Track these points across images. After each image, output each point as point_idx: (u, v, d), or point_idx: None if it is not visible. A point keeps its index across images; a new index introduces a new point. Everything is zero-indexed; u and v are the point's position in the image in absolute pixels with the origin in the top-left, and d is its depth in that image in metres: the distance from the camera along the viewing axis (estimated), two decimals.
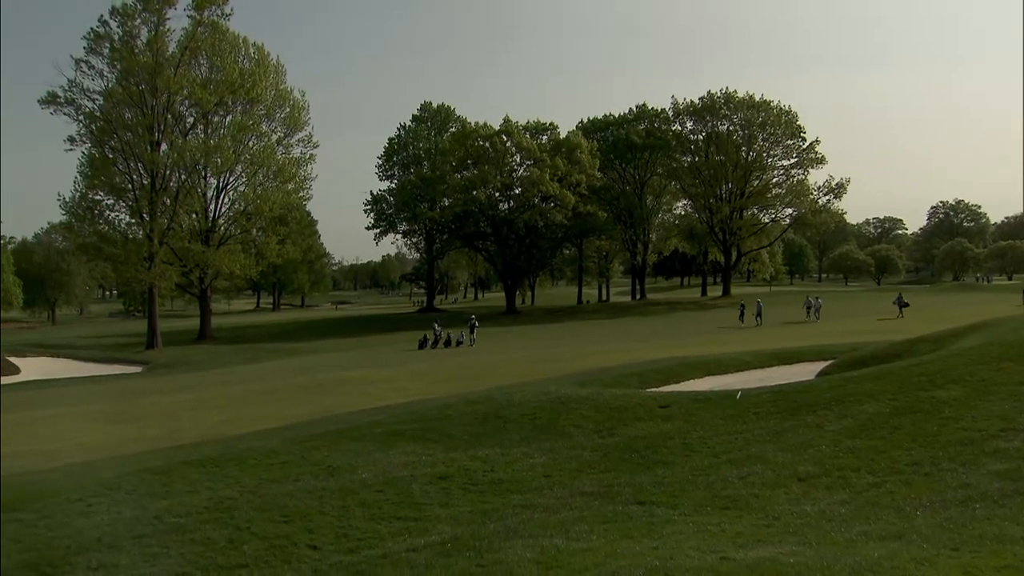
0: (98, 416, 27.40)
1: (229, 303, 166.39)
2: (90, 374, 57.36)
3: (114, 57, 70.71)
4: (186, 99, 74.00)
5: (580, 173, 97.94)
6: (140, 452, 18.67)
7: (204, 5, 71.75)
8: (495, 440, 16.85)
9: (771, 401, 17.22)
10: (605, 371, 29.31)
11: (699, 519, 10.19)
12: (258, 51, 78.18)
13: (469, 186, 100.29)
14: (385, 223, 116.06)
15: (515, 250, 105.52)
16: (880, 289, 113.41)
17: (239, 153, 76.02)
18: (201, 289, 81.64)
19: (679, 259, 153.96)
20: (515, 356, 42.48)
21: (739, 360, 31.57)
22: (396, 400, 25.42)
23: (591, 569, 7.79)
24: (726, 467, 13.00)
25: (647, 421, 17.14)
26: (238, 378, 42.79)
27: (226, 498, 12.96)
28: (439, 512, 11.86)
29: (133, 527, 11.63)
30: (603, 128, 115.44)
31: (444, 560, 8.99)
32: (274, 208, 78.44)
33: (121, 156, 72.89)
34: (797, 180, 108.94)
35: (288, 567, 9.78)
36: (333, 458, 15.78)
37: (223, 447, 17.80)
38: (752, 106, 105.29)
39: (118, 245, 75.37)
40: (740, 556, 7.71)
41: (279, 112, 79.92)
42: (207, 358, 62.18)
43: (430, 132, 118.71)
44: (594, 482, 13.09)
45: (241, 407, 27.76)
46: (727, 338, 47.38)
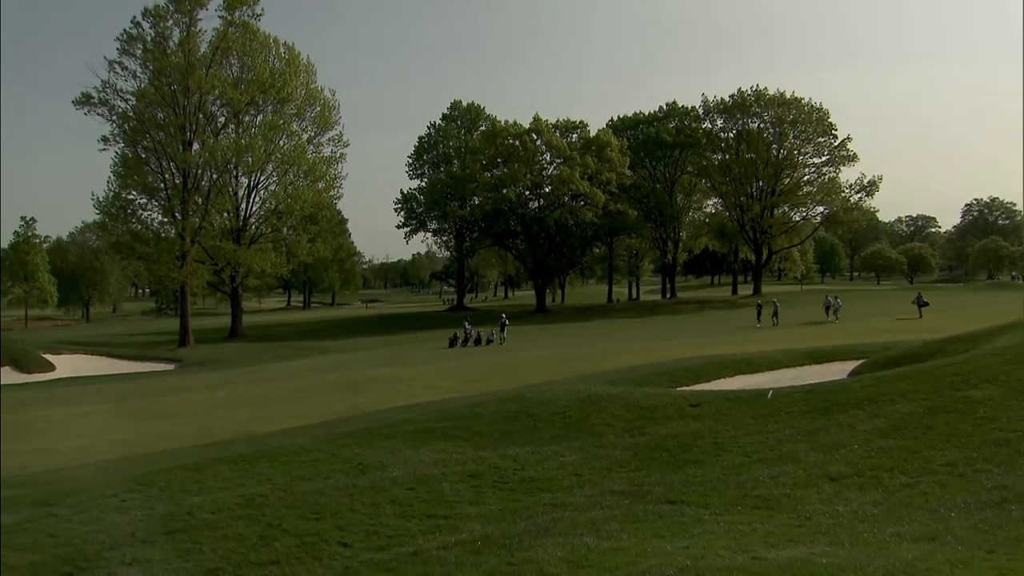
0: (132, 413, 27.63)
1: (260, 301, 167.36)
2: (123, 371, 57.86)
3: (147, 58, 71.29)
4: (217, 99, 74.49)
5: (610, 171, 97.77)
6: (173, 449, 18.81)
7: (235, 5, 72.17)
8: (525, 438, 16.85)
9: (802, 400, 17.11)
10: (635, 370, 29.22)
11: (730, 518, 10.14)
12: (288, 51, 78.54)
13: (499, 184, 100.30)
14: (415, 222, 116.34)
15: (545, 248, 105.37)
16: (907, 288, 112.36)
17: (270, 152, 76.44)
18: (232, 287, 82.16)
19: (709, 257, 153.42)
20: (545, 354, 42.44)
21: (770, 359, 31.39)
22: (426, 398, 25.47)
23: (622, 568, 7.78)
24: (757, 466, 12.93)
25: (677, 420, 17.08)
26: (269, 376, 43.01)
27: (258, 495, 13.02)
28: (469, 510, 11.87)
29: (166, 523, 11.71)
30: (633, 126, 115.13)
31: (474, 558, 9.00)
32: (305, 207, 78.83)
33: (153, 156, 73.47)
34: (828, 178, 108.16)
35: (319, 564, 9.81)
36: (364, 456, 15.83)
37: (254, 444, 17.90)
38: (783, 103, 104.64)
39: (150, 244, 76.02)
40: (771, 556, 7.67)
41: (309, 111, 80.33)
42: (238, 356, 62.57)
43: (460, 131, 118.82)
44: (624, 481, 13.06)
45: (272, 405, 27.91)
46: (756, 337, 47.15)
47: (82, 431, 23.54)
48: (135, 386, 42.80)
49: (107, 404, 31.48)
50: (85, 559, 10.34)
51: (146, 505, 12.78)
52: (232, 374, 46.79)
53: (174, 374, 54.42)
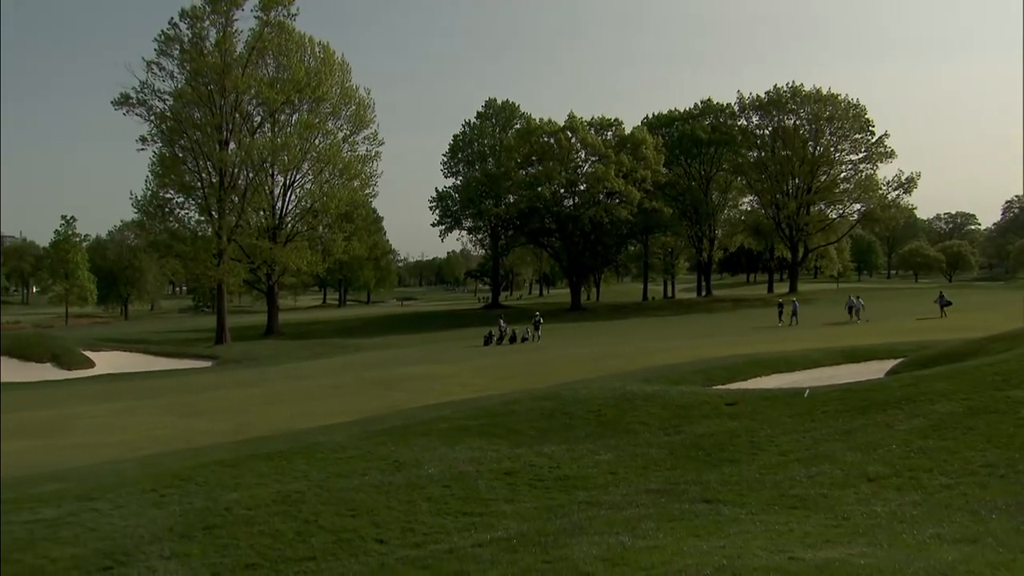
0: (170, 409, 27.88)
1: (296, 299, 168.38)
2: (161, 368, 58.42)
3: (184, 58, 71.91)
4: (253, 98, 75.01)
5: (645, 169, 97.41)
6: (211, 445, 18.95)
7: (271, 5, 72.62)
8: (561, 436, 16.84)
9: (840, 399, 16.99)
10: (670, 368, 29.13)
11: (766, 518, 10.08)
12: (323, 50, 78.99)
13: (534, 182, 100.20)
14: (450, 220, 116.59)
15: (580, 246, 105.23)
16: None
17: (305, 151, 76.94)
18: (268, 285, 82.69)
19: (745, 255, 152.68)
20: (580, 352, 42.39)
21: (807, 357, 31.16)
22: (462, 396, 25.53)
23: (658, 567, 7.75)
24: (794, 466, 12.85)
25: (713, 419, 17.01)
26: (305, 373, 43.27)
27: (294, 491, 13.10)
28: (505, 508, 11.88)
29: (204, 518, 11.80)
30: (668, 123, 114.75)
31: (510, 556, 9.00)
32: (340, 205, 79.20)
33: (191, 155, 74.15)
34: (865, 175, 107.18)
35: (355, 560, 9.85)
36: (399, 453, 15.88)
37: (291, 441, 18.00)
38: (819, 100, 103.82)
39: (188, 242, 76.74)
40: (809, 556, 7.62)
41: (345, 110, 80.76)
42: (274, 353, 63.00)
43: (495, 129, 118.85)
44: (660, 480, 13.03)
45: (308, 402, 28.07)
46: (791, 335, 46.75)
47: (122, 427, 23.79)
48: (173, 383, 43.21)
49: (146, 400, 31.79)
50: (125, 553, 10.46)
51: (184, 500, 12.89)
52: (268, 371, 47.12)
53: (211, 371, 54.86)
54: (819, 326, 55.05)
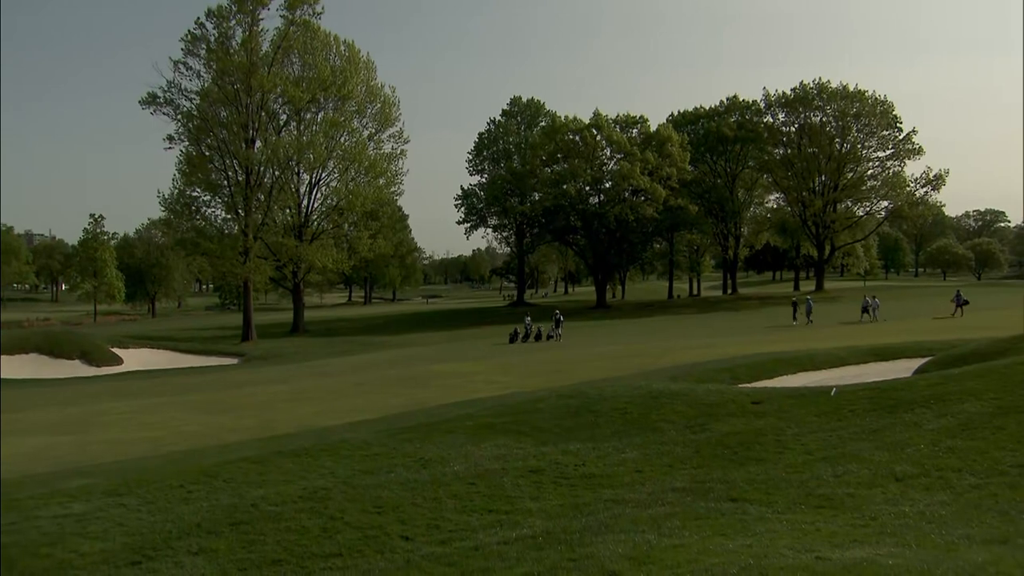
0: (197, 406, 28.02)
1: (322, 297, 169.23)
2: (188, 365, 58.81)
3: (210, 58, 72.40)
4: (279, 97, 75.41)
5: (671, 166, 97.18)
6: (237, 442, 19.05)
7: (296, 5, 72.98)
8: (586, 434, 16.82)
9: (867, 398, 16.88)
10: (696, 366, 29.06)
11: (793, 517, 10.04)
12: (349, 48, 79.26)
13: (559, 180, 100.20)
14: (475, 217, 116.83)
15: (605, 244, 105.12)
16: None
17: (331, 149, 77.28)
18: (294, 283, 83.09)
19: (771, 253, 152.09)
20: (606, 350, 42.34)
21: (833, 356, 31.01)
22: (487, 393, 25.55)
23: (684, 565, 7.73)
24: (820, 465, 12.79)
25: (739, 417, 16.94)
26: (330, 370, 43.40)
27: (320, 488, 13.14)
28: (530, 505, 11.87)
29: (231, 514, 11.85)
30: (694, 121, 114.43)
31: (536, 553, 9.00)
32: (366, 203, 79.44)
33: (217, 153, 74.66)
34: (893, 172, 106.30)
35: (381, 557, 9.86)
36: (425, 450, 15.91)
37: (317, 438, 18.06)
38: (846, 96, 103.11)
39: (214, 240, 77.23)
40: (836, 556, 7.58)
41: (370, 108, 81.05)
42: (300, 351, 63.26)
43: (520, 127, 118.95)
44: (686, 478, 12.99)
45: (334, 399, 28.15)
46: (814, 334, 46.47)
47: (149, 423, 23.94)
48: (200, 380, 43.44)
49: (173, 397, 31.99)
50: (153, 548, 10.53)
51: (211, 496, 12.96)
52: (294, 368, 47.32)
53: (237, 368, 55.12)
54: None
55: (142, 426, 23.40)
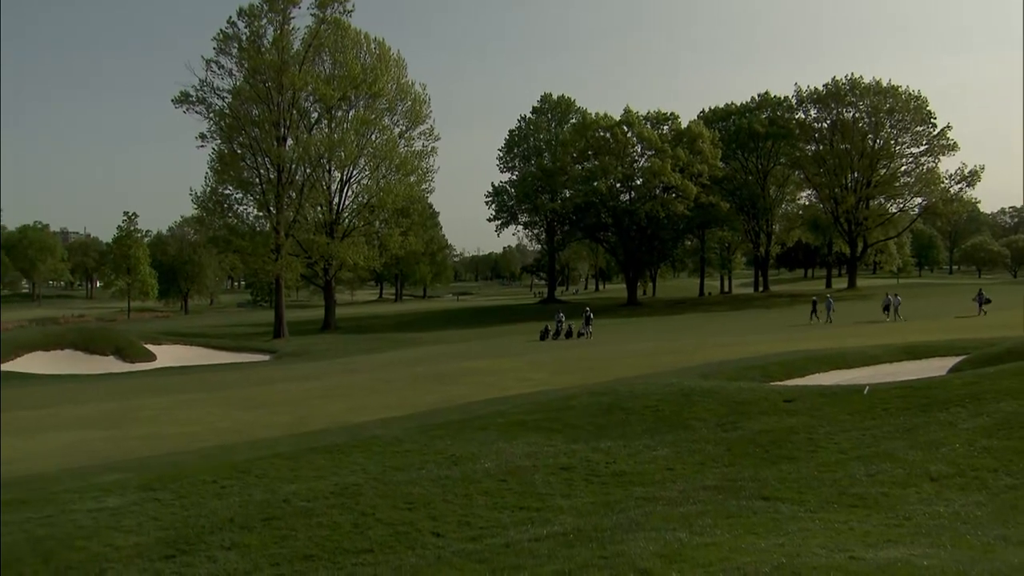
0: (229, 402, 28.19)
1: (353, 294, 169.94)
2: (221, 362, 59.21)
3: (242, 56, 72.87)
4: (310, 95, 75.83)
5: (702, 163, 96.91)
6: (270, 438, 19.16)
7: (327, 3, 73.31)
8: (618, 432, 16.78)
9: (900, 397, 16.75)
10: (727, 364, 28.90)
11: (826, 516, 9.98)
12: (379, 46, 79.51)
13: (590, 177, 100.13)
14: (506, 214, 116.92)
15: (636, 241, 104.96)
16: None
17: (362, 147, 77.55)
18: (326, 280, 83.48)
19: (803, 250, 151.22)
20: (637, 348, 42.21)
21: (866, 354, 30.76)
22: (518, 390, 25.51)
23: (715, 564, 7.70)
24: (853, 464, 12.69)
25: (771, 415, 16.85)
26: (362, 367, 43.52)
27: (351, 484, 13.19)
28: (561, 503, 11.86)
29: (263, 509, 11.93)
30: (725, 117, 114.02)
31: (567, 551, 8.98)
32: (396, 200, 79.64)
33: (249, 151, 75.10)
34: (927, 168, 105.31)
35: (412, 553, 9.89)
36: (456, 447, 15.93)
37: (348, 435, 18.12)
38: (879, 92, 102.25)
39: (246, 237, 77.72)
40: (870, 556, 7.53)
41: (400, 106, 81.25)
42: (332, 347, 63.50)
43: (550, 124, 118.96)
44: (717, 476, 12.94)
45: (365, 396, 28.23)
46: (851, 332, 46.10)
47: (182, 419, 24.12)
48: (232, 376, 43.69)
49: (205, 393, 32.20)
50: (186, 542, 10.62)
51: (244, 492, 13.05)
52: (325, 365, 47.48)
53: (269, 365, 55.42)
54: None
55: (175, 422, 23.58)
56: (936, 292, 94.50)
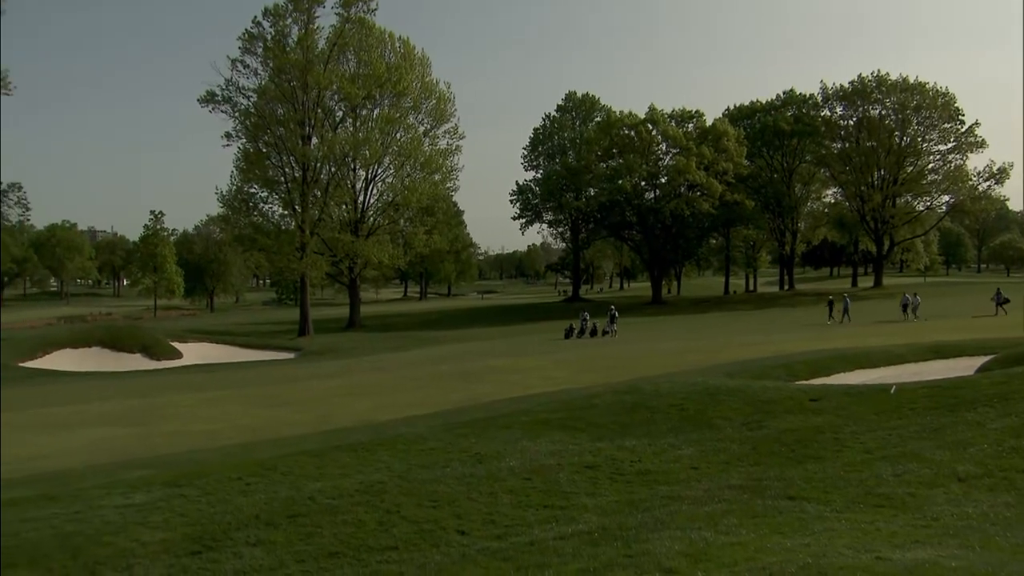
0: (255, 399, 28.30)
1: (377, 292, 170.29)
2: (246, 359, 59.51)
3: (267, 56, 73.15)
4: (335, 94, 75.96)
5: (727, 161, 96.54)
6: (295, 435, 19.24)
7: (351, 2, 73.41)
8: (642, 430, 16.76)
9: (927, 396, 16.64)
10: (752, 362, 28.80)
11: (852, 516, 9.92)
12: (404, 45, 79.56)
13: (614, 175, 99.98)
14: (531, 213, 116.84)
15: (661, 240, 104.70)
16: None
17: (387, 145, 77.63)
18: (350, 278, 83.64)
19: (828, 248, 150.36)
20: (662, 346, 42.10)
21: (892, 353, 30.56)
22: (543, 389, 25.51)
23: (741, 563, 7.68)
24: (880, 464, 12.62)
25: (796, 414, 16.79)
26: (386, 365, 43.59)
27: (376, 482, 13.23)
28: (586, 501, 11.86)
29: (288, 506, 11.99)
30: (750, 115, 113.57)
31: (591, 549, 8.99)
32: (421, 199, 79.74)
33: (274, 150, 75.38)
34: (955, 165, 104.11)
35: (436, 551, 9.91)
36: (481, 445, 15.95)
37: (373, 432, 18.18)
38: (906, 89, 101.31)
39: (271, 236, 78.06)
40: (897, 557, 7.48)
41: (425, 104, 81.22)
42: (356, 345, 63.66)
43: (575, 122, 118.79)
44: (742, 475, 12.90)
45: (390, 394, 28.29)
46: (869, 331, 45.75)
47: (208, 416, 24.25)
48: (257, 373, 43.88)
49: (231, 391, 32.34)
50: (212, 538, 10.70)
51: (269, 489, 13.12)
52: (350, 363, 47.59)
53: (294, 362, 55.62)
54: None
55: (201, 419, 23.70)
56: (957, 291, 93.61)
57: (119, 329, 66.95)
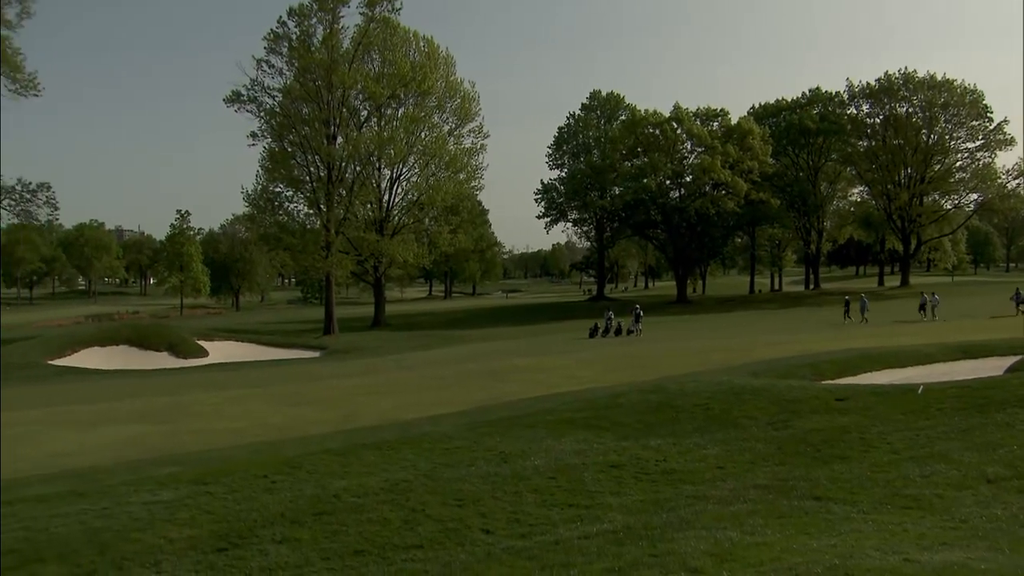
0: (280, 398, 28.38)
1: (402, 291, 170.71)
2: (271, 358, 59.73)
3: (292, 55, 73.50)
4: (360, 93, 76.19)
5: (752, 160, 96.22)
6: (320, 434, 19.28)
7: (376, 2, 73.62)
8: (667, 430, 16.70)
9: (956, 397, 16.50)
10: (778, 362, 28.65)
11: (879, 518, 9.85)
12: (428, 44, 79.72)
13: (639, 174, 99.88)
14: (555, 212, 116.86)
15: (686, 238, 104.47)
16: None
17: (411, 144, 77.84)
18: (375, 277, 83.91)
19: (854, 247, 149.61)
20: (687, 345, 41.99)
21: (920, 353, 30.30)
22: (568, 388, 25.47)
23: (767, 564, 7.65)
24: (907, 465, 12.52)
25: (823, 414, 16.68)
26: (411, 364, 43.68)
27: (401, 480, 13.25)
28: (611, 500, 11.83)
29: (314, 505, 12.02)
30: (775, 113, 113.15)
31: (616, 548, 8.97)
32: (446, 198, 79.93)
33: (299, 150, 75.71)
34: (983, 163, 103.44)
35: (461, 549, 9.92)
36: (505, 444, 15.94)
37: (398, 431, 18.20)
38: (933, 86, 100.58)
39: (296, 235, 78.47)
40: (925, 559, 7.42)
41: (449, 103, 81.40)
42: (381, 344, 63.79)
43: (599, 121, 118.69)
44: (768, 475, 12.83)
45: (415, 392, 28.32)
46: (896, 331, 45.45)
47: (234, 414, 24.34)
48: (283, 372, 44.05)
49: (256, 389, 32.45)
50: (238, 535, 10.74)
51: (295, 487, 13.16)
52: (375, 362, 47.70)
53: (319, 361, 55.80)
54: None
55: (226, 417, 23.80)
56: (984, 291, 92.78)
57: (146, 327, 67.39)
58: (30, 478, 15.09)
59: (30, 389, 39.90)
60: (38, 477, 15.12)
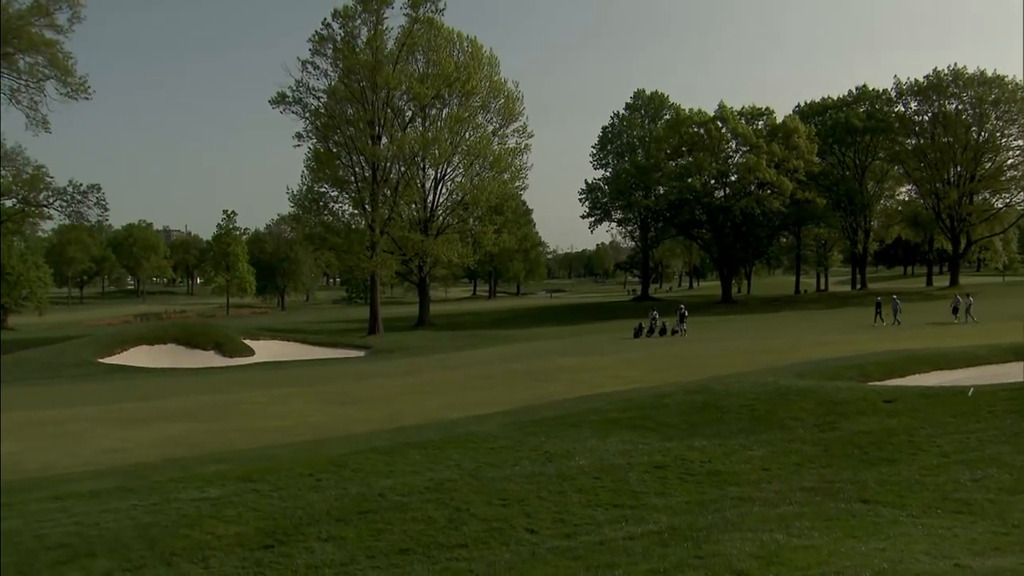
0: (325, 397, 28.54)
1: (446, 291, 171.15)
2: (317, 357, 60.04)
3: (336, 57, 73.83)
4: (404, 94, 76.36)
5: (797, 159, 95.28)
6: (365, 433, 19.38)
7: (419, 3, 73.64)
8: (712, 430, 16.64)
9: (1008, 399, 16.27)
10: (824, 363, 28.42)
11: (928, 522, 9.73)
12: (472, 44, 79.82)
13: (684, 173, 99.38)
14: (600, 211, 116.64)
15: (731, 238, 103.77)
16: None
17: (456, 144, 78.04)
18: (420, 277, 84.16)
19: (902, 247, 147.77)
20: (732, 346, 41.73)
21: (970, 354, 29.94)
22: (612, 388, 25.42)
23: (814, 567, 7.58)
24: (957, 468, 12.36)
25: (870, 416, 16.53)
26: (456, 363, 43.74)
27: (446, 480, 13.30)
28: (655, 501, 11.80)
29: (359, 503, 12.08)
30: (821, 112, 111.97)
31: (661, 550, 8.94)
32: (490, 198, 79.96)
33: (344, 150, 76.08)
34: None
35: (506, 549, 9.92)
36: (550, 444, 15.95)
37: (443, 430, 18.27)
38: (984, 82, 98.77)
39: (341, 235, 78.89)
40: (976, 565, 7.32)
41: (494, 103, 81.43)
42: (426, 344, 63.95)
43: (644, 120, 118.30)
44: (815, 477, 12.73)
45: (459, 392, 28.38)
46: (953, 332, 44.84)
47: (280, 413, 24.53)
48: (328, 371, 44.26)
49: (302, 388, 32.66)
50: (284, 533, 10.83)
51: (340, 485, 13.25)
52: (420, 361, 47.82)
53: (364, 360, 56.02)
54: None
55: (273, 415, 23.99)
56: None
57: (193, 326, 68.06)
58: (82, 474, 15.33)
59: (81, 387, 40.48)
60: (89, 473, 15.36)
